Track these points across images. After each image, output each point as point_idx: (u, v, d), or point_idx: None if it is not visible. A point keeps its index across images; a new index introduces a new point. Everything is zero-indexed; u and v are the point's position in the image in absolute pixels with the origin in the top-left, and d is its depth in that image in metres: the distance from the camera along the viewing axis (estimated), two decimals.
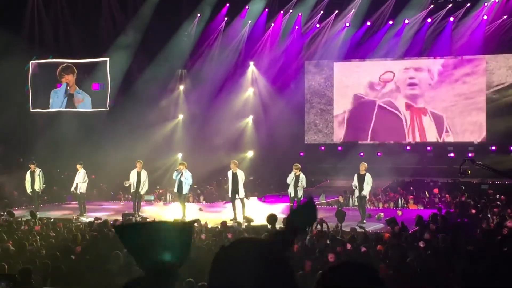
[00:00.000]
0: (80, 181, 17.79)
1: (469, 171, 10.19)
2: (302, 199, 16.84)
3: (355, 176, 16.36)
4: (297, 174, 16.47)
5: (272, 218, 12.77)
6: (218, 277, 1.85)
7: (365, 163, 16.47)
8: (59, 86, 25.82)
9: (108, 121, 24.33)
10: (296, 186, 16.38)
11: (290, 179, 16.51)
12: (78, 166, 17.99)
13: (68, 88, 25.80)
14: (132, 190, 17.68)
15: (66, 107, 25.85)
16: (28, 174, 18.19)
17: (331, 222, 13.53)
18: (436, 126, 24.93)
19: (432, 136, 25.05)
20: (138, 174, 17.52)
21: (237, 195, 16.44)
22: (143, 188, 17.53)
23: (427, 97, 25.01)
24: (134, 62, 25.28)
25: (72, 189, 17.99)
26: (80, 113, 25.72)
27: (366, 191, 16.17)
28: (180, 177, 16.87)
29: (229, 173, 16.98)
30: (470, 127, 24.51)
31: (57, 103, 25.85)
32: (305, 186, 16.69)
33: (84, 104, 25.86)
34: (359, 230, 13.29)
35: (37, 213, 16.03)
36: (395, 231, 12.05)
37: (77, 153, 21.11)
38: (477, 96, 24.41)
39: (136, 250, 2.04)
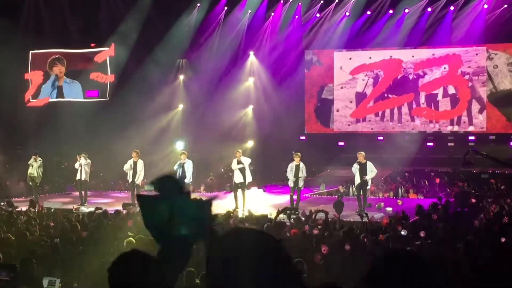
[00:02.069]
0: (87, 169, 17.90)
1: (472, 162, 10.20)
2: (302, 188, 16.88)
3: (356, 165, 16.34)
4: (297, 163, 16.45)
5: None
6: (216, 267, 1.83)
7: (362, 152, 16.50)
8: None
9: (108, 111, 24.25)
10: (296, 175, 16.37)
11: (291, 168, 16.50)
12: (83, 156, 17.98)
13: (57, 80, 25.67)
14: (130, 180, 17.69)
15: (56, 97, 25.73)
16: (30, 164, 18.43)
17: (330, 212, 13.53)
18: (435, 115, 24.89)
19: (431, 125, 25.01)
20: (134, 164, 17.50)
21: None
22: (139, 178, 17.47)
23: (426, 86, 24.94)
24: (133, 52, 25.17)
25: (77, 178, 18.00)
26: (80, 103, 25.65)
27: (369, 178, 16.20)
28: (182, 167, 16.91)
29: (235, 162, 17.09)
30: (470, 116, 24.46)
31: (45, 92, 25.75)
32: (305, 175, 16.70)
33: (74, 93, 25.70)
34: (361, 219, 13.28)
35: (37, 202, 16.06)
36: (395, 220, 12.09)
37: (77, 143, 21.11)
38: (477, 85, 24.35)
39: (155, 224, 2.03)
